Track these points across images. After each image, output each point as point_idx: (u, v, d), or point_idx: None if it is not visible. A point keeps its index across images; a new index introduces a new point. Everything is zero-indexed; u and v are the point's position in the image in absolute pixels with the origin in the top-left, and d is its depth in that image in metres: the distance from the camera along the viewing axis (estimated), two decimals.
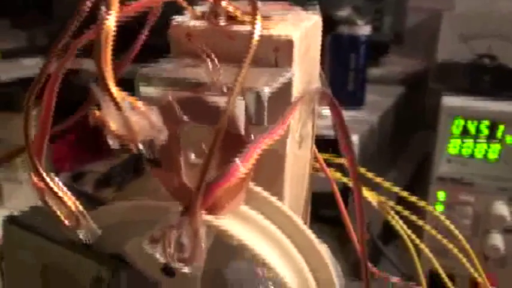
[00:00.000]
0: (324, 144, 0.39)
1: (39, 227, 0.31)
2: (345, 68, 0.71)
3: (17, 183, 0.80)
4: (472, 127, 0.54)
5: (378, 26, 0.82)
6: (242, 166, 0.22)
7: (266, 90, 0.25)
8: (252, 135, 0.26)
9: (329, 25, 0.69)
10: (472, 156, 0.55)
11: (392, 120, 0.79)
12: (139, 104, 0.19)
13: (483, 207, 0.54)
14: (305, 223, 0.38)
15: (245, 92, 0.25)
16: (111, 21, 0.18)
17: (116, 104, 0.18)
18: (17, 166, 0.80)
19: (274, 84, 0.26)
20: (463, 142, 0.55)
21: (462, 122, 0.54)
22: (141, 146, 0.20)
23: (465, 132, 0.55)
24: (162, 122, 0.22)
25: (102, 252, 0.29)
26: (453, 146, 0.55)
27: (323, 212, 0.71)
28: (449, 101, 0.54)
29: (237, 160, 0.22)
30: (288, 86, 0.29)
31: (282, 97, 0.28)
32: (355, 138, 0.60)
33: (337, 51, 0.70)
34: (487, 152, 0.54)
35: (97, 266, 0.29)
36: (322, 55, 0.36)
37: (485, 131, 0.54)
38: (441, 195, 0.56)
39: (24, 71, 0.89)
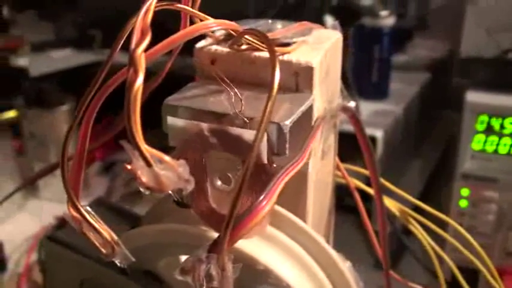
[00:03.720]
0: (346, 138, 0.40)
1: (77, 244, 0.33)
2: (369, 59, 0.70)
3: (51, 176, 0.83)
4: (496, 124, 0.54)
5: (403, 12, 0.81)
6: (267, 204, 0.23)
7: (287, 123, 0.26)
8: (275, 164, 0.27)
9: (353, 16, 0.68)
10: (495, 152, 0.55)
11: (417, 108, 0.78)
12: (167, 158, 0.20)
13: (507, 204, 0.55)
14: (329, 233, 0.40)
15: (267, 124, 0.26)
16: (139, 83, 0.20)
17: (146, 160, 0.20)
18: (51, 159, 0.82)
19: (295, 115, 0.27)
20: (487, 138, 0.55)
21: (486, 119, 0.54)
22: (170, 192, 0.22)
23: (489, 129, 0.54)
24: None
25: (136, 269, 0.31)
26: (477, 142, 0.55)
27: (347, 201, 0.72)
28: (474, 97, 0.54)
29: (261, 197, 0.23)
30: (308, 110, 0.29)
31: (303, 122, 0.29)
32: (379, 134, 0.61)
33: (361, 43, 0.69)
34: (511, 148, 0.54)
35: (131, 283, 0.31)
36: (346, 46, 0.36)
37: (510, 128, 0.53)
38: (465, 191, 0.56)
39: (54, 64, 0.91)
